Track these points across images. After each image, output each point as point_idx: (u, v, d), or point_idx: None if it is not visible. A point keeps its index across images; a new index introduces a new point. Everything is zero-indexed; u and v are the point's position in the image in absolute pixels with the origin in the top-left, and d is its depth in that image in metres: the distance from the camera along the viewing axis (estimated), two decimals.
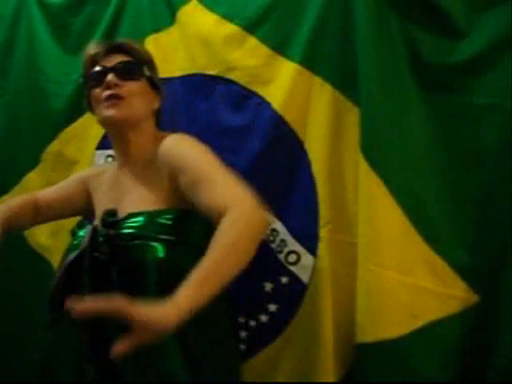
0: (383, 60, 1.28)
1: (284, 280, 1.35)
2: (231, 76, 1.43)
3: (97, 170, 1.41)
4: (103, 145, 1.57)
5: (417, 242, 1.24)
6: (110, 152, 1.56)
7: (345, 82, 1.33)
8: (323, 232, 1.32)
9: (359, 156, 1.27)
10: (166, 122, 1.42)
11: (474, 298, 1.22)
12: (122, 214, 1.12)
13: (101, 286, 1.06)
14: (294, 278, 1.33)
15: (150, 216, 1.11)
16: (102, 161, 1.58)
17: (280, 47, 1.40)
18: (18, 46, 1.67)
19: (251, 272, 1.37)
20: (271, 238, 1.36)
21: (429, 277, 1.23)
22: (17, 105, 1.67)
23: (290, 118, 1.36)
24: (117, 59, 1.21)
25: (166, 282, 1.01)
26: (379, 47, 1.28)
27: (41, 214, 1.33)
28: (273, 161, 1.37)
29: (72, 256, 1.11)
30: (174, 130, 1.27)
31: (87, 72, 1.24)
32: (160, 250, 1.07)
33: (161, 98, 1.28)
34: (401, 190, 1.25)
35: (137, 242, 1.07)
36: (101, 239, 1.09)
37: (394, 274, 1.22)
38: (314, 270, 1.32)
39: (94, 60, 1.23)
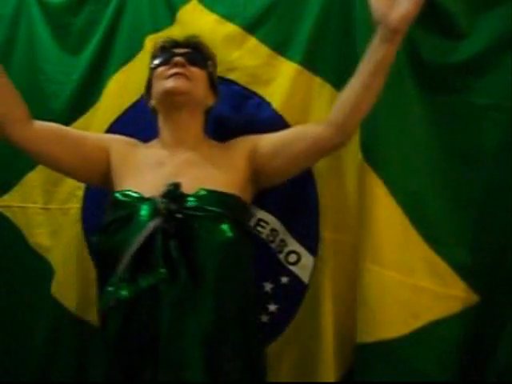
0: None
1: (284, 280, 1.35)
2: (231, 76, 1.42)
3: (125, 139, 1.33)
4: None
5: (417, 242, 1.24)
6: None
7: (345, 82, 1.32)
8: (324, 232, 1.32)
9: (359, 156, 1.27)
10: None
11: (473, 298, 1.22)
12: (187, 189, 1.13)
13: (169, 260, 1.06)
14: (294, 278, 1.34)
15: (222, 195, 1.15)
16: None
17: (280, 47, 1.40)
18: (18, 45, 1.66)
19: None
20: (271, 238, 1.36)
21: (429, 277, 1.23)
22: None
23: (290, 117, 1.36)
24: (185, 50, 1.27)
25: (229, 262, 1.11)
26: None
27: (32, 128, 1.20)
28: None
29: (146, 233, 1.07)
30: None
31: (154, 58, 1.29)
32: (227, 230, 1.11)
33: (216, 99, 1.33)
34: (401, 190, 1.25)
35: (205, 218, 1.10)
36: (168, 213, 1.09)
37: (394, 274, 1.22)
38: (314, 270, 1.33)
39: (162, 48, 1.29)
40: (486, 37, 1.22)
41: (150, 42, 1.51)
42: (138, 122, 1.50)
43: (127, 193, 1.16)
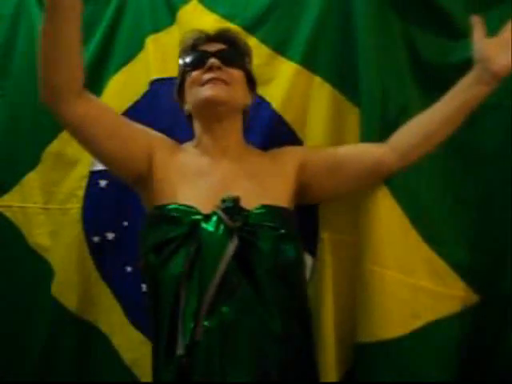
0: (383, 60, 1.28)
1: None
2: None
3: (168, 141, 1.23)
4: None
5: (417, 242, 1.24)
6: None
7: (345, 81, 1.33)
8: (323, 232, 1.32)
9: None
10: (166, 122, 1.42)
11: (473, 297, 1.22)
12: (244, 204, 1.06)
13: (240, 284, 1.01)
14: None
15: (280, 211, 1.09)
16: None
17: (280, 47, 1.40)
18: (19, 45, 1.66)
19: None
20: None
21: (429, 277, 1.24)
22: (17, 104, 1.66)
23: (289, 117, 1.36)
24: (218, 46, 1.17)
25: (292, 281, 1.08)
26: (379, 47, 1.28)
27: (86, 104, 1.08)
28: None
29: (227, 259, 0.99)
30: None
31: (184, 56, 1.20)
32: (290, 249, 1.07)
33: (253, 97, 1.24)
34: (401, 189, 1.25)
35: (268, 237, 1.03)
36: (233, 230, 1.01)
37: (394, 273, 1.22)
38: (314, 270, 1.32)
39: (193, 46, 1.19)
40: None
41: (151, 42, 1.51)
42: (138, 123, 1.50)
43: (181, 207, 1.07)
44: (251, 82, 1.23)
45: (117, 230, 1.50)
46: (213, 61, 1.13)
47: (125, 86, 1.54)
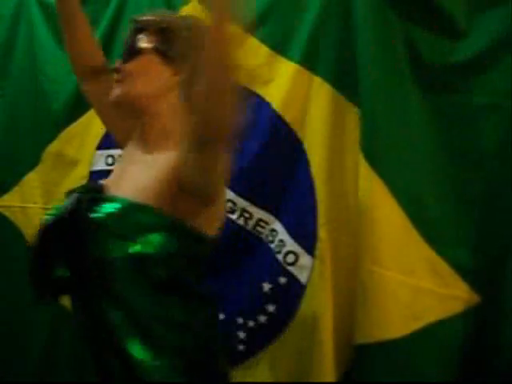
0: (383, 60, 1.28)
1: (282, 280, 1.35)
2: None
3: None
4: (103, 145, 1.57)
5: (417, 243, 1.24)
6: (111, 152, 1.56)
7: (345, 82, 1.33)
8: (322, 232, 1.32)
9: (359, 156, 1.27)
10: None
11: (475, 298, 1.22)
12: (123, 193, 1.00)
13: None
14: (292, 279, 1.33)
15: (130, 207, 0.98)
16: (102, 161, 1.58)
17: (280, 47, 1.40)
18: (18, 45, 1.68)
19: (250, 272, 1.38)
20: (270, 238, 1.36)
21: (430, 277, 1.23)
22: (17, 105, 1.67)
23: (289, 117, 1.36)
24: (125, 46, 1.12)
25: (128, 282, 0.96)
26: (379, 47, 1.28)
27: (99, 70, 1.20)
28: (272, 161, 1.37)
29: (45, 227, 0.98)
30: None
31: None
32: (118, 250, 0.96)
33: (189, 69, 1.04)
34: (401, 189, 1.25)
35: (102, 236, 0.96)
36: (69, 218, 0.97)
37: (394, 274, 1.22)
38: (313, 270, 1.32)
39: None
40: (486, 37, 1.21)
41: None
42: None
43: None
44: (172, 58, 1.06)
45: None
46: (114, 66, 1.09)
47: None
